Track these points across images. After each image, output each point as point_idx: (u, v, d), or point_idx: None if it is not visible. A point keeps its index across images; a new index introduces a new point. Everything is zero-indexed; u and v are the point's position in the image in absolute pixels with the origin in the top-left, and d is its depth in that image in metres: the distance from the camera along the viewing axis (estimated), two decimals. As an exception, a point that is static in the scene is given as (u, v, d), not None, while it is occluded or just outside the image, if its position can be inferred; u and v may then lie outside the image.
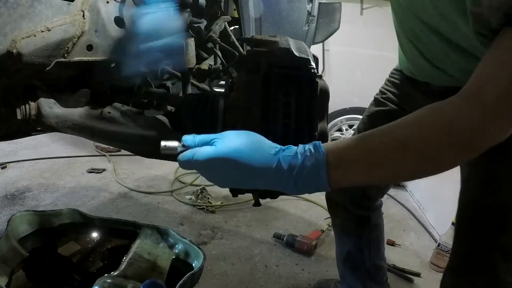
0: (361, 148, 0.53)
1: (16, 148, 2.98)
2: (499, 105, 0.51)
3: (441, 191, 2.17)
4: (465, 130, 0.51)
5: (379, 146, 0.53)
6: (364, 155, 0.52)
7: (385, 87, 1.16)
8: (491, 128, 0.51)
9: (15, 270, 1.21)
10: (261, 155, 0.52)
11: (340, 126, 3.13)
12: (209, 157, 0.53)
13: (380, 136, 0.54)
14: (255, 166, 0.52)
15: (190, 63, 0.99)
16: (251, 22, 1.06)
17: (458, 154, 0.54)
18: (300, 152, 0.53)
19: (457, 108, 0.53)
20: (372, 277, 1.31)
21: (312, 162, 0.52)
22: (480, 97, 0.52)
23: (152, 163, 2.70)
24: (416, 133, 0.53)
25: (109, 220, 1.45)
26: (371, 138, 0.54)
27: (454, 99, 0.55)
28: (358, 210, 1.25)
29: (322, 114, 0.72)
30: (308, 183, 0.53)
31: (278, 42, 0.72)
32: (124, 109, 0.88)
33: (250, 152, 0.52)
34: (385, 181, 1.07)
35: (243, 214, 2.21)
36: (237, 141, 0.53)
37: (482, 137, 0.52)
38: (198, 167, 0.55)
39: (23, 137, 1.06)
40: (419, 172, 0.56)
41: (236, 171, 0.54)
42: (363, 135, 0.56)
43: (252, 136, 0.55)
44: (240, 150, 0.52)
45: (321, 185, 0.53)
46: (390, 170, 0.54)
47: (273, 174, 0.52)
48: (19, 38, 0.66)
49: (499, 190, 0.84)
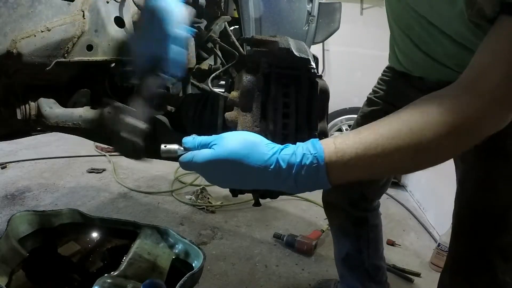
0: (359, 142, 0.52)
1: (16, 148, 2.98)
2: (498, 92, 0.50)
3: (441, 191, 2.17)
4: (464, 118, 0.51)
5: (377, 140, 0.52)
6: (363, 149, 0.52)
7: (378, 86, 1.15)
8: (490, 116, 0.51)
9: (15, 270, 1.21)
10: (259, 156, 0.52)
11: (340, 126, 3.13)
12: (207, 160, 0.53)
13: (377, 129, 0.54)
14: (254, 167, 0.52)
15: (190, 63, 1.00)
16: (251, 22, 1.06)
17: (458, 143, 0.53)
18: (298, 150, 0.53)
19: (455, 97, 0.53)
20: (371, 277, 1.31)
21: (311, 160, 0.51)
22: (478, 85, 0.52)
23: (152, 163, 2.70)
24: (414, 124, 0.52)
25: (109, 220, 1.45)
26: (369, 132, 0.54)
27: (452, 88, 0.55)
28: (356, 211, 1.25)
29: (322, 114, 0.72)
30: (308, 181, 0.52)
31: (278, 42, 0.72)
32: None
33: (248, 154, 0.52)
34: (385, 174, 1.07)
35: (243, 214, 2.21)
36: (234, 143, 0.53)
37: (481, 125, 0.52)
38: (198, 169, 0.56)
39: (23, 137, 1.06)
40: (419, 163, 0.56)
41: (235, 173, 0.54)
42: (360, 129, 0.55)
43: (250, 137, 0.55)
44: (238, 152, 0.52)
45: (321, 182, 0.53)
46: (390, 163, 0.53)
47: (272, 174, 0.52)
48: (19, 38, 0.66)
49: (496, 190, 0.84)
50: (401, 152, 0.52)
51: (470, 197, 0.89)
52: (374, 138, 0.52)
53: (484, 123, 0.52)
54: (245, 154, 0.52)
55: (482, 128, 0.52)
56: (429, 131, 0.51)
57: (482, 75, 0.52)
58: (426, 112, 0.53)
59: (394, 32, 0.96)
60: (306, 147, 0.53)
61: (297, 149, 0.53)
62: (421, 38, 0.84)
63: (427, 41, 0.83)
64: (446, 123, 0.51)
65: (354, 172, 0.54)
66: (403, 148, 0.51)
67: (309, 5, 1.55)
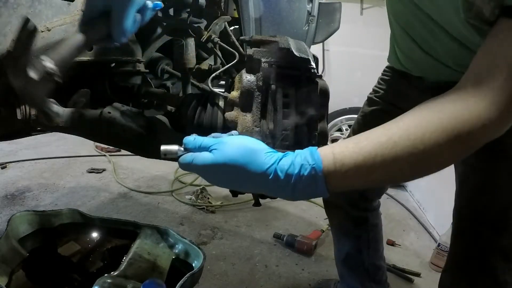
0: (358, 152, 0.52)
1: (16, 148, 2.98)
2: (499, 97, 0.50)
3: (441, 191, 2.17)
4: (464, 124, 0.50)
5: (376, 149, 0.52)
6: (362, 160, 0.51)
7: (378, 86, 1.15)
8: (490, 122, 0.50)
9: (15, 270, 1.21)
10: (258, 166, 0.52)
11: (340, 126, 3.13)
12: (206, 164, 0.54)
13: (376, 138, 0.53)
14: (252, 176, 0.52)
15: (190, 63, 1.00)
16: (251, 22, 1.06)
17: (458, 150, 0.53)
18: (297, 160, 0.52)
19: (455, 102, 0.52)
20: (371, 277, 1.31)
21: (309, 171, 0.51)
22: (479, 89, 0.51)
23: (152, 163, 2.70)
24: (413, 133, 0.51)
25: (109, 220, 1.45)
26: (368, 140, 0.53)
27: (452, 93, 0.54)
28: (356, 211, 1.25)
29: (322, 114, 0.72)
30: (306, 190, 0.52)
31: (278, 42, 0.72)
32: (124, 109, 0.88)
33: (247, 163, 0.52)
34: (384, 183, 1.07)
35: (243, 214, 2.21)
36: (234, 151, 0.53)
37: (481, 132, 0.51)
38: (197, 171, 0.56)
39: (23, 137, 1.06)
40: (419, 172, 0.55)
41: (233, 179, 0.54)
42: (359, 137, 0.55)
43: (250, 144, 0.55)
44: (237, 160, 0.52)
45: (319, 191, 0.52)
46: (389, 172, 0.53)
47: (271, 183, 0.52)
48: (19, 38, 0.66)
49: (496, 190, 0.84)
50: (400, 162, 0.51)
51: (470, 197, 0.89)
52: (373, 148, 0.52)
53: (485, 129, 0.51)
54: (244, 163, 0.52)
55: (483, 134, 0.52)
56: (428, 140, 0.50)
57: (482, 79, 0.51)
58: (425, 119, 0.52)
59: (395, 30, 0.96)
60: (304, 157, 0.52)
61: (295, 158, 0.53)
62: (422, 37, 0.84)
63: (427, 39, 0.82)
64: (446, 131, 0.50)
65: (352, 182, 0.53)
66: (403, 157, 0.51)
67: (309, 5, 1.55)
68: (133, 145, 0.94)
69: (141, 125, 0.87)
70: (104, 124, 0.85)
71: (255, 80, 0.68)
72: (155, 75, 1.16)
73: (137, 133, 0.88)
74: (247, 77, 0.69)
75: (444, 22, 0.72)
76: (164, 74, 1.17)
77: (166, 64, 1.17)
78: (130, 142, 0.90)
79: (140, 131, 0.88)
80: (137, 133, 0.88)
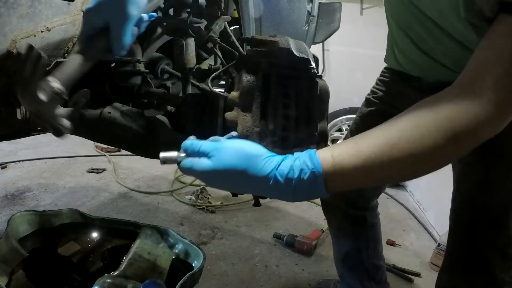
0: (357, 153, 0.52)
1: (16, 148, 2.98)
2: (497, 94, 0.49)
3: (441, 191, 2.17)
4: (462, 122, 0.50)
5: (374, 149, 0.52)
6: (361, 162, 0.52)
7: (376, 87, 1.15)
8: (488, 120, 0.50)
9: (15, 270, 1.21)
10: (257, 171, 0.52)
11: (340, 126, 3.13)
12: (205, 170, 0.54)
13: (375, 139, 0.53)
14: (252, 181, 0.53)
15: (190, 63, 1.00)
16: (251, 22, 1.06)
17: (457, 148, 0.52)
18: (296, 164, 0.53)
19: (452, 101, 0.52)
20: (371, 276, 1.31)
21: (309, 174, 0.52)
22: (476, 86, 0.51)
23: (152, 163, 2.70)
24: (411, 133, 0.51)
25: (109, 220, 1.45)
26: (366, 141, 0.53)
27: (449, 91, 0.54)
28: (354, 211, 1.25)
29: (322, 114, 0.72)
30: (306, 193, 0.53)
31: (278, 42, 0.72)
32: (124, 109, 0.88)
33: (246, 169, 0.52)
34: (384, 183, 1.07)
35: (243, 214, 2.21)
36: (232, 157, 0.53)
37: (479, 128, 0.51)
38: (197, 176, 0.56)
39: (23, 137, 1.06)
40: (417, 171, 0.56)
41: (233, 184, 0.55)
42: (357, 138, 0.55)
43: (248, 149, 0.55)
44: (236, 166, 0.53)
45: (319, 193, 0.53)
46: (387, 172, 0.53)
47: (271, 188, 0.53)
48: (19, 38, 0.66)
49: (493, 189, 0.84)
50: (399, 162, 0.52)
51: (468, 196, 0.89)
52: (371, 151, 0.52)
53: (483, 127, 0.51)
54: (243, 169, 0.52)
55: (480, 133, 0.51)
56: (427, 140, 0.50)
57: (480, 76, 0.51)
58: (423, 119, 0.52)
59: (393, 31, 0.96)
60: (304, 161, 0.53)
61: (294, 162, 0.53)
62: (420, 37, 0.84)
63: (426, 39, 0.82)
64: (443, 130, 0.50)
65: (352, 183, 0.54)
66: (401, 158, 0.51)
67: (309, 5, 1.55)
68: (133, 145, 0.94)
69: (141, 125, 0.87)
70: (104, 124, 0.85)
71: (255, 80, 0.68)
72: (155, 75, 1.16)
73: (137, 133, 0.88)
74: (247, 77, 0.69)
75: (444, 22, 0.72)
76: (164, 74, 1.17)
77: (166, 64, 1.17)
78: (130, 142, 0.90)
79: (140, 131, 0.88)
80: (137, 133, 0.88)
